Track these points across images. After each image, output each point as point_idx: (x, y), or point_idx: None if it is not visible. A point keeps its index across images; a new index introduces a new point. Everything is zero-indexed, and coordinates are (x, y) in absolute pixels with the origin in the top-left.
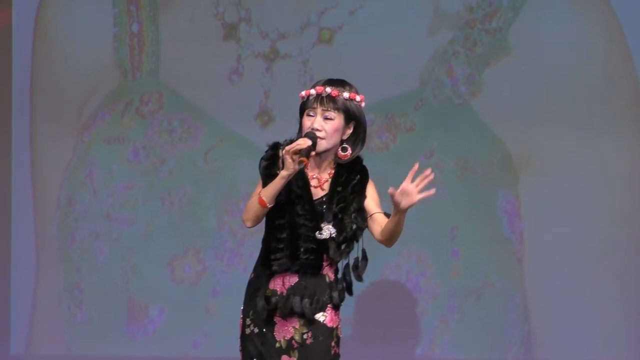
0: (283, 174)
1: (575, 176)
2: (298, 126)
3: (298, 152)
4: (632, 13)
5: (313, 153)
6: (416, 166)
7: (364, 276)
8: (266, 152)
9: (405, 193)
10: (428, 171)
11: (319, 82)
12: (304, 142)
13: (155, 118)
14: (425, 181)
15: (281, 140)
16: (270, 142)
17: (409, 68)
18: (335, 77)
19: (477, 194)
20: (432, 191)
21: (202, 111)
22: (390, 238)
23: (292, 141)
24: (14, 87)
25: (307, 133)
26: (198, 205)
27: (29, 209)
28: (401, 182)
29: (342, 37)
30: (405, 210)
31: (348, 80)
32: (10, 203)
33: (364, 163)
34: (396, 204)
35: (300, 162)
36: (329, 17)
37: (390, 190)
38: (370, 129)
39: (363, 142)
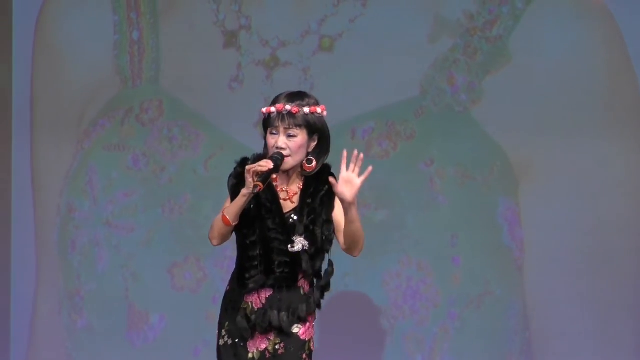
0: (243, 192)
1: (575, 184)
2: (265, 139)
3: (258, 173)
4: (632, 20)
5: (274, 176)
6: (345, 153)
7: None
8: (234, 169)
9: (345, 182)
10: (356, 152)
11: (279, 97)
12: (266, 164)
13: (155, 125)
14: (359, 162)
15: (246, 155)
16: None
17: (410, 76)
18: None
19: (478, 202)
20: (370, 168)
21: (202, 119)
22: (352, 243)
23: (258, 157)
24: (14, 94)
25: (272, 155)
26: (198, 212)
27: (30, 216)
28: (401, 191)
29: (343, 44)
30: (353, 203)
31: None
32: (11, 210)
33: (332, 170)
34: (342, 198)
35: (255, 187)
36: (329, 25)
37: (331, 180)
38: (370, 137)
39: (327, 151)
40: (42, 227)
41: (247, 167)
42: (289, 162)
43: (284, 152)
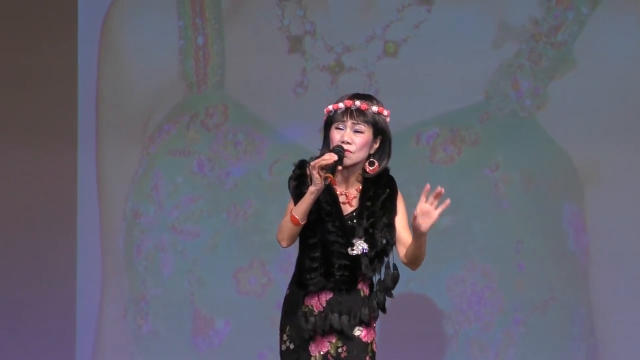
0: (311, 189)
1: None
2: (322, 141)
3: (324, 167)
4: None
5: (340, 168)
6: (427, 187)
7: (394, 291)
8: (293, 171)
9: (423, 214)
10: (439, 188)
11: (344, 96)
12: (329, 157)
13: (220, 131)
14: (438, 197)
15: (307, 158)
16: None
17: (474, 81)
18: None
19: (543, 207)
20: (447, 201)
21: (267, 124)
22: (414, 261)
23: (317, 157)
24: (79, 101)
25: (333, 147)
26: (263, 217)
27: (95, 222)
28: (466, 196)
29: (408, 50)
30: (426, 233)
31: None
32: (76, 215)
33: (391, 173)
34: (417, 228)
35: (325, 179)
36: (394, 30)
37: (415, 214)
38: (434, 142)
39: (389, 155)
40: (107, 232)
41: (312, 163)
42: (351, 158)
43: (348, 147)
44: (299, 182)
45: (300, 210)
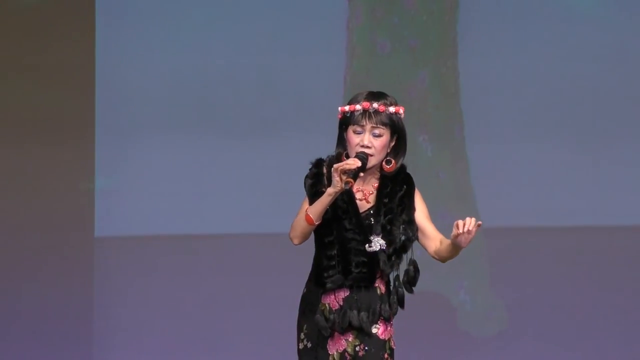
0: (330, 191)
1: None
2: (337, 140)
3: (346, 171)
4: None
5: (362, 174)
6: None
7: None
8: (310, 170)
9: (463, 232)
10: (478, 222)
11: (359, 95)
12: (353, 162)
13: None
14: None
15: (324, 157)
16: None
17: None
18: None
19: None
20: (480, 223)
21: None
22: (444, 260)
23: (334, 157)
24: (97, 97)
25: (357, 154)
26: None
27: (113, 219)
28: None
29: None
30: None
31: None
32: (94, 211)
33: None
34: (457, 244)
35: (346, 183)
36: None
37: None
38: None
39: (404, 152)
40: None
41: (335, 166)
42: (371, 162)
43: (370, 151)
44: (315, 180)
45: (316, 210)
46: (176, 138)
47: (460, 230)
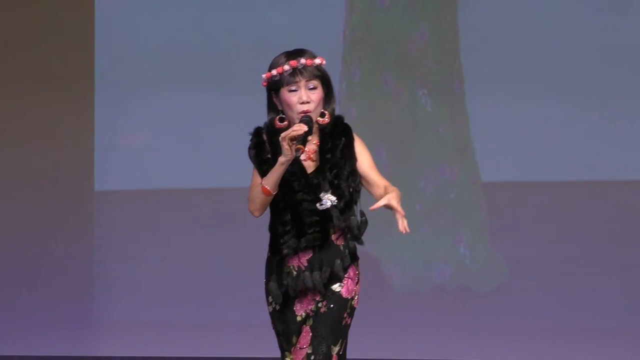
0: (281, 160)
1: None
2: (267, 107)
3: (294, 138)
4: None
5: (310, 138)
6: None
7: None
8: (250, 140)
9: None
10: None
11: (279, 58)
12: (299, 128)
13: None
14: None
15: (261, 124)
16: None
17: None
18: None
19: None
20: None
21: None
22: None
23: (270, 124)
24: (96, 53)
25: (302, 118)
26: None
27: (112, 173)
28: None
29: None
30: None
31: None
32: (93, 167)
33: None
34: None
35: (297, 150)
36: None
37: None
38: None
39: (334, 101)
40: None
41: (282, 135)
42: (313, 118)
43: (309, 107)
44: (258, 149)
45: (271, 180)
46: (175, 93)
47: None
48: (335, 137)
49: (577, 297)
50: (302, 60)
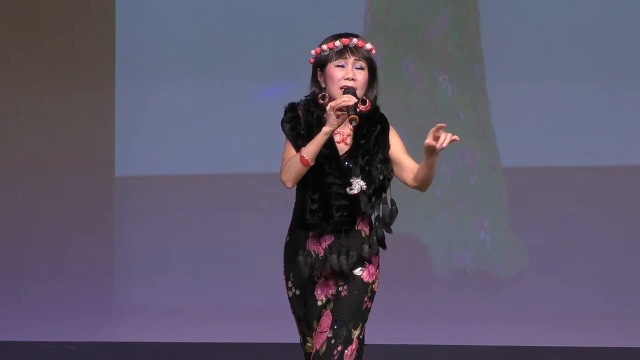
0: (325, 130)
1: None
2: (312, 81)
3: (344, 108)
4: None
5: (360, 108)
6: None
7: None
8: (285, 114)
9: (435, 137)
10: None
11: (332, 36)
12: (349, 99)
13: None
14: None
15: (296, 101)
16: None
17: None
18: None
19: None
20: (456, 137)
21: None
22: (424, 184)
23: (309, 99)
24: (117, 41)
25: (346, 90)
26: None
27: (132, 161)
28: None
29: None
30: (438, 153)
31: None
32: (114, 155)
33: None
34: (430, 148)
35: (352, 120)
36: None
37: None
38: None
39: (377, 91)
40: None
41: (332, 104)
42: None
43: (354, 84)
44: (293, 123)
45: (310, 150)
46: (196, 78)
47: (438, 146)
48: (371, 124)
49: (598, 282)
50: (355, 40)
